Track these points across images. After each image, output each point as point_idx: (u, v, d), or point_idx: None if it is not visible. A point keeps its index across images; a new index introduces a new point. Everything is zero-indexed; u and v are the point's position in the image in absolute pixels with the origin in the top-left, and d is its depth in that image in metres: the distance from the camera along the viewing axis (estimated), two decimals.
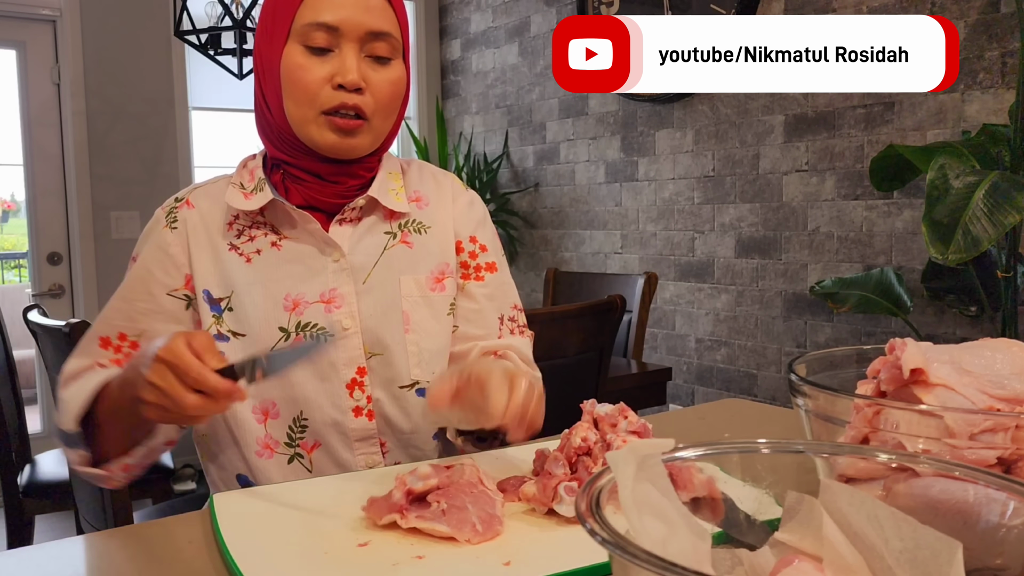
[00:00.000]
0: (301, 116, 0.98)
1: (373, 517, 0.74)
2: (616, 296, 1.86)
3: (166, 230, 1.03)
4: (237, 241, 1.02)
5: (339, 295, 1.01)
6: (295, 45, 0.97)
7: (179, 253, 1.02)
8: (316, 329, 1.00)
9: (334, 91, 0.96)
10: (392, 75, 1.00)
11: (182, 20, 2.82)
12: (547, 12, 3.71)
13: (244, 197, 1.02)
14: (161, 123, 3.65)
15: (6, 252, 6.61)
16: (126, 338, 1.01)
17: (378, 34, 0.97)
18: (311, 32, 0.96)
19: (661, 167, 3.24)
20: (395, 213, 1.07)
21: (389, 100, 1.00)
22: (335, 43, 0.96)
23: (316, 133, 0.98)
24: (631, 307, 2.61)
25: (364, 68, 0.97)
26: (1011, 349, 0.64)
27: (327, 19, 0.95)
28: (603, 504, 0.39)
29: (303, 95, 0.97)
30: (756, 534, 0.46)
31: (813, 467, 0.49)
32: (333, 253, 1.02)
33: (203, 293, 1.01)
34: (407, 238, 1.06)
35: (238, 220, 1.03)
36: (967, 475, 0.45)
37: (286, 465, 0.99)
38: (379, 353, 1.01)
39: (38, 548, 0.85)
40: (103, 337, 1.01)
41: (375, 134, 1.01)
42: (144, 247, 1.04)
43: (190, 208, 1.04)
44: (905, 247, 2.46)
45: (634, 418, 0.80)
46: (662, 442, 0.45)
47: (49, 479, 2.27)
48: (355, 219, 1.05)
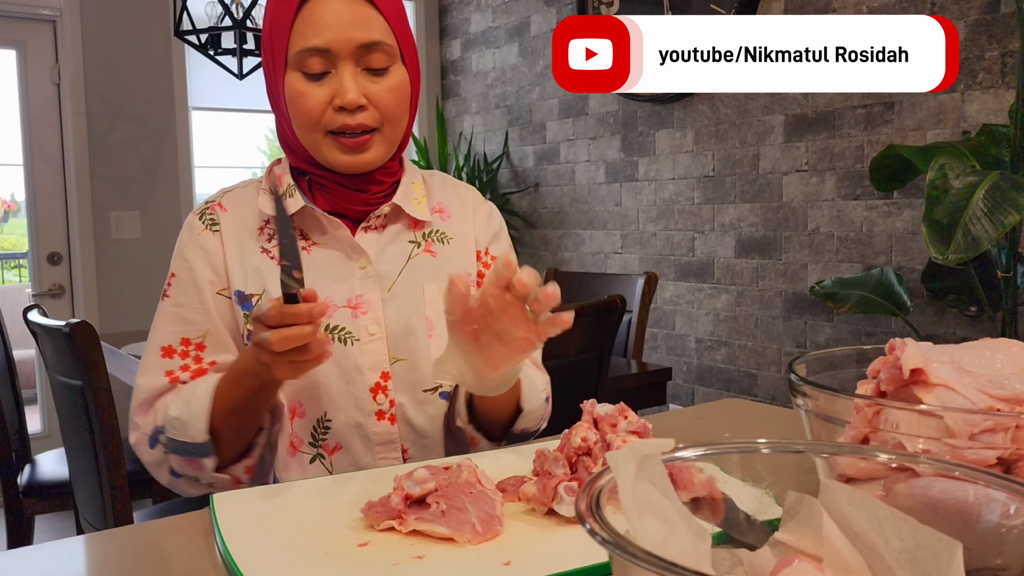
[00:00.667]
0: (311, 140, 1.00)
1: (371, 522, 0.74)
2: (616, 296, 1.85)
3: (206, 233, 1.04)
4: (268, 245, 1.04)
5: (365, 301, 1.03)
6: (293, 73, 0.98)
7: (219, 254, 1.03)
8: (343, 332, 1.01)
9: (336, 113, 0.97)
10: (392, 82, 1.00)
11: (182, 20, 2.82)
12: (547, 12, 3.71)
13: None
14: (161, 123, 3.65)
15: (6, 252, 6.61)
16: (190, 342, 1.02)
17: (370, 45, 0.97)
18: (305, 59, 0.96)
19: (661, 167, 3.24)
20: (419, 222, 1.09)
21: (394, 108, 1.00)
22: (330, 64, 0.97)
23: (328, 154, 1.00)
24: (631, 307, 2.61)
25: (363, 83, 0.98)
26: (1011, 349, 0.64)
27: (317, 43, 0.95)
28: (603, 504, 0.39)
29: (307, 120, 0.98)
30: (756, 534, 0.46)
31: (813, 467, 0.49)
32: (360, 260, 1.04)
33: (235, 293, 1.03)
34: (431, 247, 1.09)
35: (268, 224, 1.05)
36: (967, 475, 0.45)
37: (308, 464, 1.01)
38: (403, 358, 1.03)
39: (38, 548, 0.85)
40: (164, 347, 1.02)
41: (388, 143, 1.02)
42: (185, 252, 1.04)
43: (223, 211, 1.06)
44: (905, 247, 2.46)
45: (634, 418, 0.80)
46: (662, 442, 0.45)
47: (49, 479, 2.27)
48: (380, 227, 1.07)
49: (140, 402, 1.00)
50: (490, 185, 4.04)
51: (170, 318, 1.02)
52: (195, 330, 1.02)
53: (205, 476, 0.96)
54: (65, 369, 1.70)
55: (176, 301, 1.03)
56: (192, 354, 1.01)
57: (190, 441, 0.93)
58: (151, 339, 1.03)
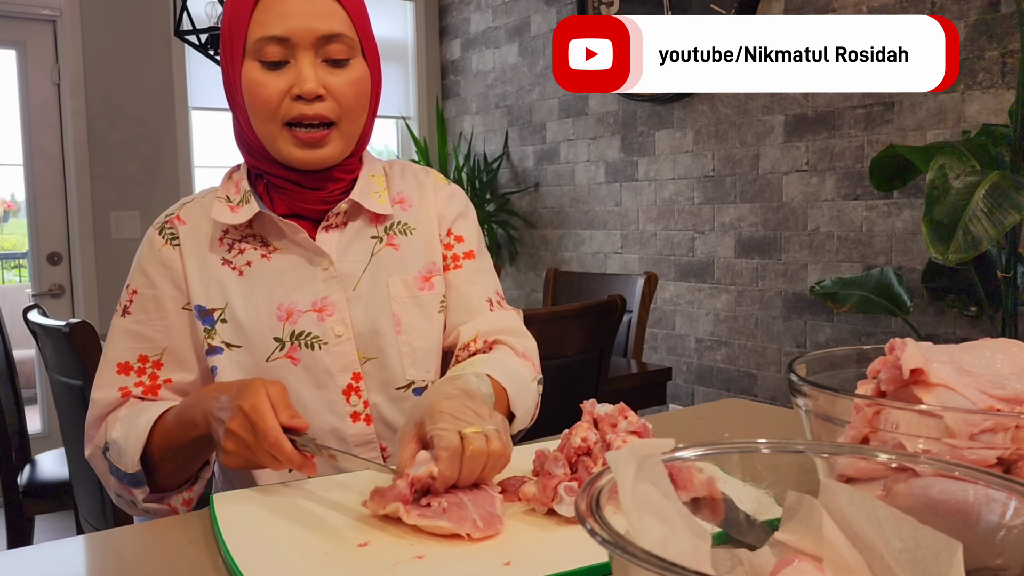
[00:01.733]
0: (267, 132, 0.98)
1: (376, 507, 0.74)
2: (616, 296, 1.85)
3: (167, 248, 1.03)
4: (228, 255, 1.02)
5: (330, 303, 1.01)
6: (251, 62, 0.97)
7: (179, 269, 1.02)
8: (310, 337, 1.00)
9: (293, 102, 0.96)
10: (352, 75, 0.98)
11: (182, 20, 2.82)
12: (547, 12, 3.71)
13: (231, 211, 1.02)
14: (161, 123, 3.65)
15: (6, 252, 6.61)
16: (147, 359, 1.01)
17: (330, 37, 0.96)
18: (264, 47, 0.95)
19: (661, 167, 3.24)
20: (380, 216, 1.07)
21: (353, 102, 0.99)
22: (289, 54, 0.96)
23: (284, 148, 0.98)
24: (631, 307, 2.61)
25: (322, 74, 0.96)
26: (1011, 349, 0.64)
27: (276, 32, 0.95)
28: (603, 504, 0.39)
29: (264, 110, 0.97)
30: (756, 534, 0.46)
31: (813, 467, 0.49)
32: (322, 262, 1.02)
33: (196, 308, 1.01)
34: (393, 240, 1.07)
35: (228, 234, 1.03)
36: (967, 475, 0.45)
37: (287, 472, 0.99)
38: (373, 357, 1.02)
39: (38, 548, 0.85)
40: (120, 363, 1.01)
41: (345, 139, 1.00)
42: (147, 268, 1.03)
43: (181, 224, 1.04)
44: (905, 247, 2.46)
45: (634, 418, 0.80)
46: (662, 442, 0.45)
47: (49, 479, 2.27)
48: (340, 224, 1.05)
49: (95, 417, 1.00)
50: (490, 185, 4.04)
51: (128, 335, 1.01)
52: (153, 347, 1.01)
53: (138, 503, 0.96)
54: (65, 369, 1.70)
55: (136, 318, 1.01)
56: (148, 371, 1.01)
57: (123, 469, 0.94)
58: (106, 354, 1.01)
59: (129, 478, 0.94)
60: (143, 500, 0.95)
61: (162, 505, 0.97)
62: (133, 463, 0.92)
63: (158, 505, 0.97)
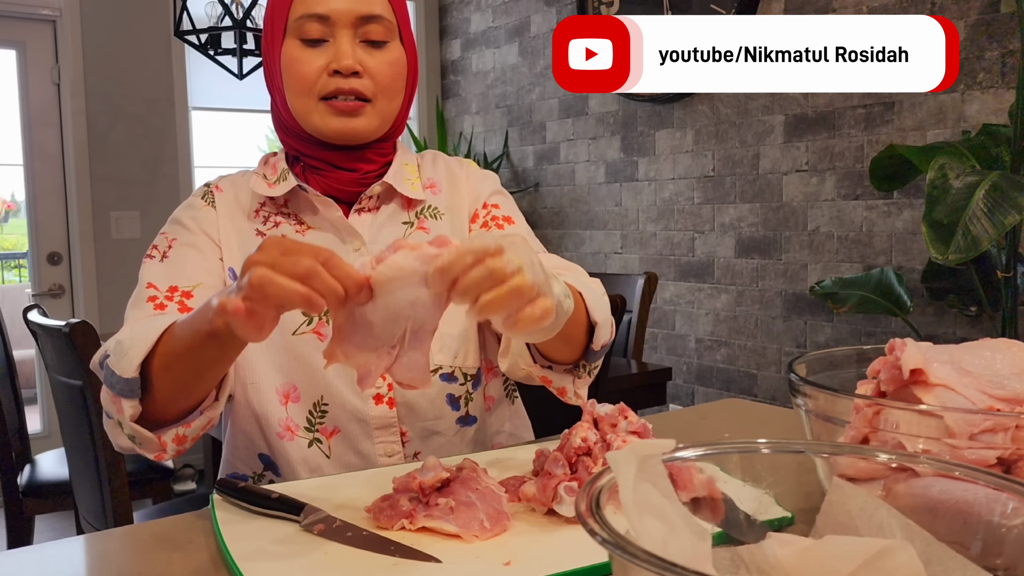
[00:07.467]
0: (303, 107, 1.00)
1: (384, 525, 0.74)
2: (616, 296, 1.85)
3: (207, 208, 1.05)
4: (263, 227, 1.05)
5: None
6: (292, 40, 1.00)
7: (216, 230, 1.04)
8: None
9: (330, 77, 0.98)
10: (390, 57, 1.01)
11: (182, 20, 2.82)
12: (547, 12, 3.71)
13: (268, 186, 1.05)
14: (161, 123, 3.65)
15: (6, 252, 6.61)
16: (177, 289, 0.98)
17: (370, 18, 0.99)
18: (304, 24, 0.99)
19: (661, 167, 3.24)
20: (412, 201, 1.08)
21: (390, 81, 1.01)
22: (329, 33, 0.99)
23: (319, 120, 1.00)
24: (631, 307, 2.61)
25: (360, 53, 0.99)
26: (1011, 349, 0.64)
27: (318, 10, 0.98)
28: (603, 504, 0.39)
29: (301, 86, 0.99)
30: (756, 534, 0.46)
31: (813, 467, 0.50)
32: (354, 242, 1.03)
33: (229, 271, 1.03)
34: (423, 224, 1.08)
35: (264, 207, 1.06)
36: (967, 475, 0.45)
37: (306, 448, 1.00)
38: None
39: (38, 548, 0.85)
40: (152, 297, 0.97)
41: (381, 116, 1.02)
42: (187, 222, 1.03)
43: (219, 192, 1.07)
44: (905, 247, 2.46)
45: (634, 418, 0.80)
46: (662, 442, 0.45)
47: (49, 479, 2.27)
48: (374, 208, 1.07)
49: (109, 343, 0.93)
50: None
51: (161, 271, 0.99)
52: (188, 280, 0.99)
53: (125, 424, 0.84)
54: (65, 369, 1.70)
55: (173, 259, 1.00)
56: (177, 300, 0.97)
57: (119, 374, 0.82)
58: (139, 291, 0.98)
59: (122, 385, 0.82)
60: (131, 419, 0.83)
61: (151, 436, 0.84)
62: (132, 367, 0.81)
63: (147, 433, 0.84)
